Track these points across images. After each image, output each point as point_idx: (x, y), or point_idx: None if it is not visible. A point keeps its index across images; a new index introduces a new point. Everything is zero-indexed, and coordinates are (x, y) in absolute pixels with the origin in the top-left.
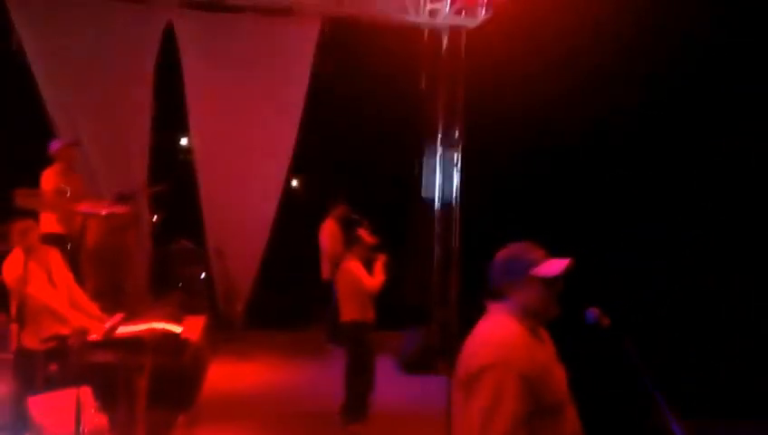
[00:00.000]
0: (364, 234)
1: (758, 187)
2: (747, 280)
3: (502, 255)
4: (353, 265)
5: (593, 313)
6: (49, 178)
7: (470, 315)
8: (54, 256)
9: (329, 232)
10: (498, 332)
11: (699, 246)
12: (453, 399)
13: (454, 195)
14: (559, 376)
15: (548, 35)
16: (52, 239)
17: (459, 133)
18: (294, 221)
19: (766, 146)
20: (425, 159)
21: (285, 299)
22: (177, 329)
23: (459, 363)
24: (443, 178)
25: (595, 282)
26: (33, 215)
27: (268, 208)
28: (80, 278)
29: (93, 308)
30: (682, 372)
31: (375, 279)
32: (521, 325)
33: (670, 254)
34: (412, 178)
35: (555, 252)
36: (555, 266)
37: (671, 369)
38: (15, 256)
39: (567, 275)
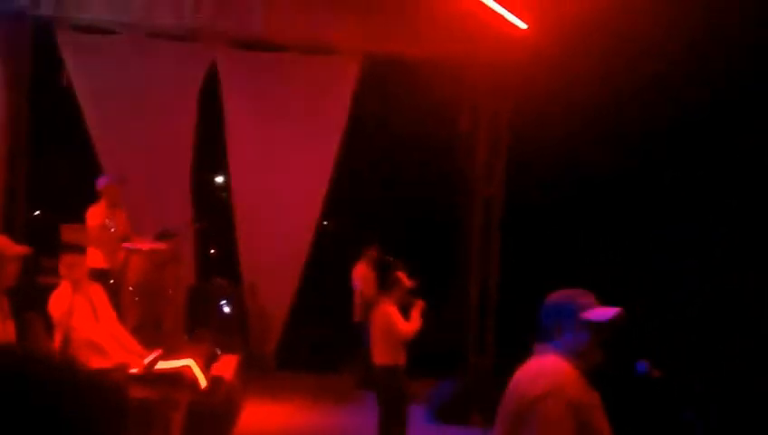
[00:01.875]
0: (403, 277)
1: None
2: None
3: (554, 297)
4: (390, 309)
5: (644, 364)
6: (94, 215)
7: (508, 363)
8: (98, 291)
9: (361, 274)
10: (551, 366)
11: (728, 244)
12: None
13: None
14: (604, 425)
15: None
16: (96, 274)
17: (501, 172)
18: (327, 262)
19: None
20: (464, 200)
21: (316, 341)
22: (203, 381)
23: (509, 396)
24: (482, 218)
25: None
26: (80, 250)
27: (301, 248)
28: (120, 313)
29: (133, 343)
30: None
31: (410, 325)
32: (571, 365)
33: (701, 254)
34: (450, 218)
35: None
36: (605, 313)
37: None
38: (63, 290)
39: (617, 326)
